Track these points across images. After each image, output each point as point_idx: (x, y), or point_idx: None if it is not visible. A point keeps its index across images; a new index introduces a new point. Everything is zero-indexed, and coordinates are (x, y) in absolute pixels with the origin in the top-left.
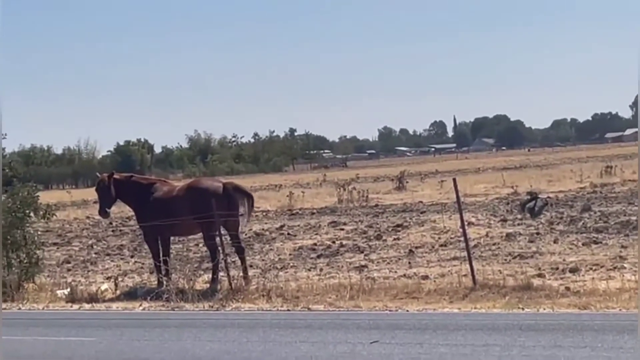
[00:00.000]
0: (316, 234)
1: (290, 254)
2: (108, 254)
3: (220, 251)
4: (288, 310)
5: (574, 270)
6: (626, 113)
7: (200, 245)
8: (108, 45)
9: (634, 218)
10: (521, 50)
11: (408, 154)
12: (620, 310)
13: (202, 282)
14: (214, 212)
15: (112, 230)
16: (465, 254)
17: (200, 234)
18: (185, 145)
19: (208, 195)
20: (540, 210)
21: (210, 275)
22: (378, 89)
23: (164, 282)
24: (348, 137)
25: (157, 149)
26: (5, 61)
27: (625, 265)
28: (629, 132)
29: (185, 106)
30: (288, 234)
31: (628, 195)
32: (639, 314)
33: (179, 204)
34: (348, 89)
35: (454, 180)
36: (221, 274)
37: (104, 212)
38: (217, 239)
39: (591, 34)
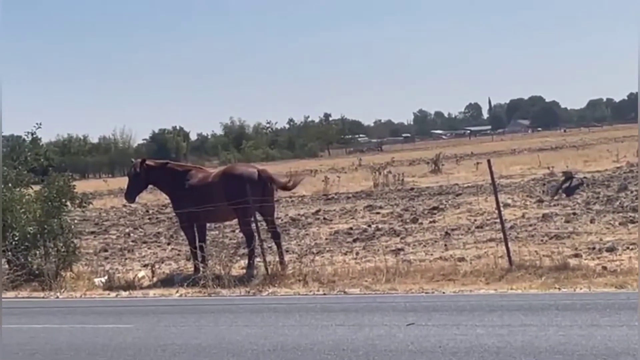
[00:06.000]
0: (352, 218)
1: (326, 239)
2: (145, 242)
3: (256, 237)
4: (324, 294)
5: (610, 250)
6: None
7: (236, 231)
8: (142, 32)
9: None
10: (554, 30)
11: (443, 136)
12: None
13: (238, 267)
14: (249, 198)
15: (149, 218)
16: (501, 235)
17: (236, 220)
18: (219, 132)
19: (243, 181)
20: (574, 190)
21: (246, 261)
22: (412, 72)
23: (201, 269)
24: (383, 121)
25: (193, 137)
26: (40, 52)
27: None
28: None
29: (220, 93)
30: (324, 218)
31: None
32: (639, 293)
33: (214, 190)
34: (382, 72)
35: (489, 161)
36: (257, 259)
37: (129, 197)
38: (253, 224)
39: (625, 12)
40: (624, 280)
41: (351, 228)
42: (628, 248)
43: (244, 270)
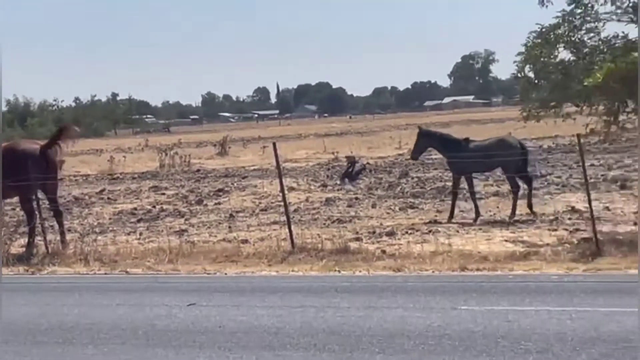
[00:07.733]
0: (137, 199)
1: (110, 218)
2: None
3: (37, 215)
4: (105, 274)
5: (390, 234)
6: (445, 82)
7: (17, 208)
8: None
9: (449, 184)
10: (345, 17)
11: (231, 120)
12: (433, 272)
13: (17, 246)
14: (31, 175)
15: None
16: (285, 218)
17: (17, 198)
18: (3, 109)
19: (24, 157)
20: (357, 175)
21: (26, 239)
22: (201, 53)
23: None
24: (171, 102)
25: None
26: None
27: (439, 229)
28: (447, 100)
29: (5, 70)
30: (108, 198)
31: (444, 162)
32: None
33: None
34: (171, 53)
35: (274, 144)
36: (38, 238)
37: None
38: (34, 202)
39: (411, 4)
40: (402, 263)
41: (135, 208)
42: (407, 232)
43: (24, 249)
